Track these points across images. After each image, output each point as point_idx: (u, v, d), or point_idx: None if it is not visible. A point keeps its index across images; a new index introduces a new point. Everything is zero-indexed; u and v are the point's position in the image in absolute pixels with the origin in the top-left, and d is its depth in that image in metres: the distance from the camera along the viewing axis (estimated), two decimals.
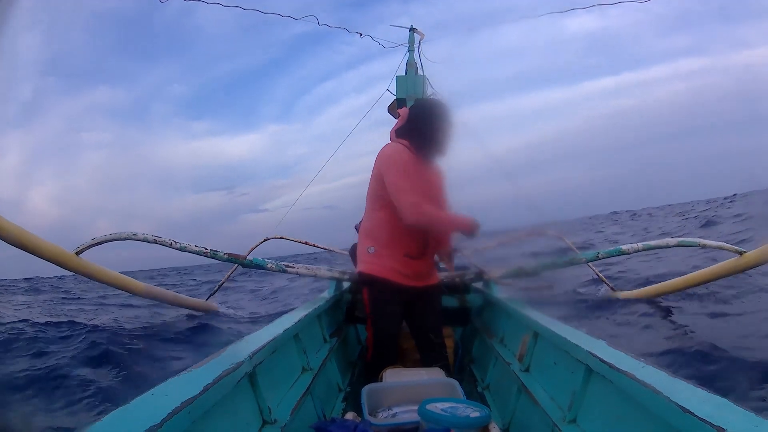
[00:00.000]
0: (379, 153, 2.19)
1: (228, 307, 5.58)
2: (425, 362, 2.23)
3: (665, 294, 4.25)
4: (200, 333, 4.12)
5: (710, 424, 0.72)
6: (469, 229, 2.09)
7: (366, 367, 2.29)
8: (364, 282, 2.24)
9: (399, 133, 2.24)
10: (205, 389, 0.90)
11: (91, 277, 3.36)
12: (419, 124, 2.18)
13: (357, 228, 3.36)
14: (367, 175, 2.24)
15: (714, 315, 3.70)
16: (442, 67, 4.38)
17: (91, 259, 3.30)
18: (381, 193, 2.13)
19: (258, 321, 4.90)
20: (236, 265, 3.50)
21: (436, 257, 2.42)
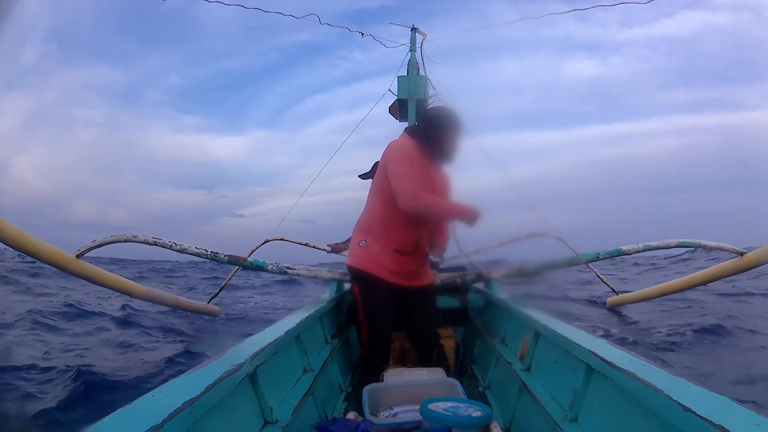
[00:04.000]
0: (391, 145, 2.21)
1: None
2: (421, 361, 2.23)
3: (667, 295, 4.25)
4: None
5: (711, 423, 0.72)
6: (469, 217, 2.07)
7: (361, 364, 2.30)
8: (354, 277, 2.26)
9: (410, 131, 2.25)
10: (207, 390, 0.90)
11: (91, 279, 3.36)
12: (432, 129, 2.18)
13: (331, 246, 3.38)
14: (347, 194, 2.26)
15: None
16: (444, 68, 4.38)
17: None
18: (384, 186, 2.13)
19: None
20: (237, 266, 3.51)
21: (430, 257, 2.40)
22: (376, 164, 3.29)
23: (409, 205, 2.00)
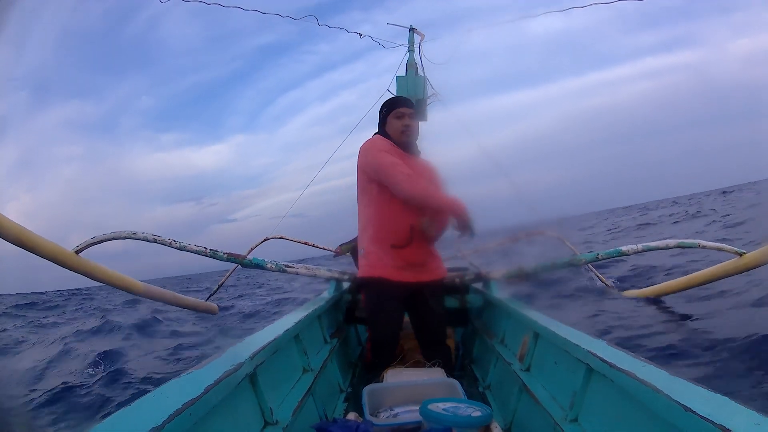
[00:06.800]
0: (362, 147, 2.22)
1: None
2: (426, 357, 2.23)
3: (666, 294, 4.26)
4: None
5: (712, 422, 0.72)
6: (460, 215, 1.99)
7: (366, 368, 2.30)
8: (360, 285, 2.29)
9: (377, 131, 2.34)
10: (207, 390, 0.90)
11: (90, 276, 3.35)
12: (380, 118, 2.28)
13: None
14: (334, 183, 2.29)
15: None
16: (441, 68, 4.38)
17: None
18: (366, 186, 2.14)
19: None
20: (236, 264, 3.50)
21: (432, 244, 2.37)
22: None
23: (408, 191, 2.00)
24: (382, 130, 2.26)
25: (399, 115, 2.20)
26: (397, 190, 2.02)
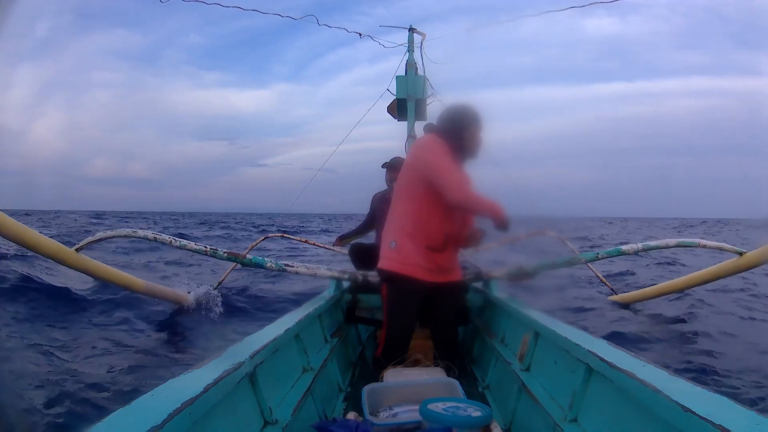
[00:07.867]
0: (418, 143, 2.21)
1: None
2: (439, 356, 2.24)
3: (666, 294, 4.26)
4: None
5: (711, 422, 0.72)
6: (502, 218, 2.05)
7: (374, 362, 2.30)
8: (383, 279, 2.24)
9: (434, 130, 2.24)
10: (206, 389, 0.90)
11: (90, 273, 3.35)
12: (457, 129, 2.18)
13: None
14: (368, 144, 2.24)
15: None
16: (442, 67, 4.39)
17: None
18: (414, 184, 2.13)
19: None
20: (235, 263, 3.49)
21: (461, 250, 2.37)
22: (395, 158, 3.36)
23: (458, 196, 2.02)
24: (457, 136, 2.17)
25: (482, 130, 2.19)
26: (447, 193, 2.03)
